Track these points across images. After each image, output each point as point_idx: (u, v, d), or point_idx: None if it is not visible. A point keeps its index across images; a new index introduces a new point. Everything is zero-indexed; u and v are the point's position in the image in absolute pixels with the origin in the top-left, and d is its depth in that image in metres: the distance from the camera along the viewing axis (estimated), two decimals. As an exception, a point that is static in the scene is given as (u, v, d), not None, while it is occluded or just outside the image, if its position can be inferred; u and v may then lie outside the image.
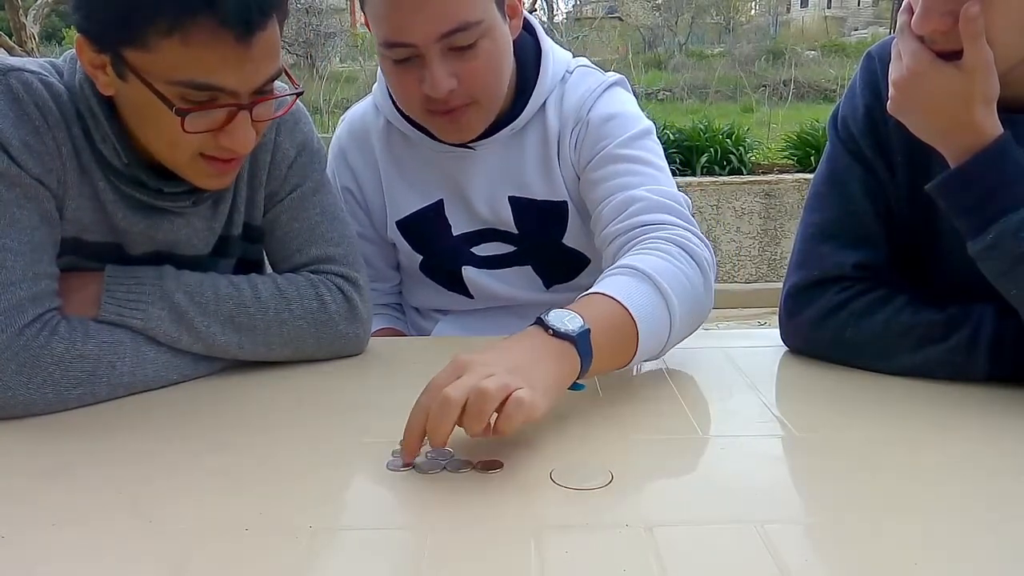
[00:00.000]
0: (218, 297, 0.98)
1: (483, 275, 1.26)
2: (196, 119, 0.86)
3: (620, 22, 17.74)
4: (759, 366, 1.05)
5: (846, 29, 21.88)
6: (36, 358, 0.87)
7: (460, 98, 1.07)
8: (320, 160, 1.11)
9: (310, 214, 1.09)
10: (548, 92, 1.18)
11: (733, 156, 5.38)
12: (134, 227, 0.98)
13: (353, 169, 1.26)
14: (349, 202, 1.26)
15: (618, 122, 1.16)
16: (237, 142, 0.89)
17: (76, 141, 0.92)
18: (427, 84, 1.05)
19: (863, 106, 1.01)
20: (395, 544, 0.65)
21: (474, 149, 1.19)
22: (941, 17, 0.84)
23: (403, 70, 1.07)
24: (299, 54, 12.34)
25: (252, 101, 0.88)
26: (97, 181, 0.95)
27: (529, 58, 1.18)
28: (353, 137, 1.27)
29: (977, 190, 0.87)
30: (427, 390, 0.76)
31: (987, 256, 0.87)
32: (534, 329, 0.83)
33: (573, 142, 1.17)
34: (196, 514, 0.69)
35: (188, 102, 0.85)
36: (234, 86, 0.85)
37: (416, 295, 1.36)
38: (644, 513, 0.69)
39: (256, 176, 1.07)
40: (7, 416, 0.87)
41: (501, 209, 1.21)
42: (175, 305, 0.96)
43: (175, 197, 0.98)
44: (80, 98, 0.92)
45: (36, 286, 0.89)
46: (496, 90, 1.11)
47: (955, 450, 0.80)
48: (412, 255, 1.28)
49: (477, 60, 1.05)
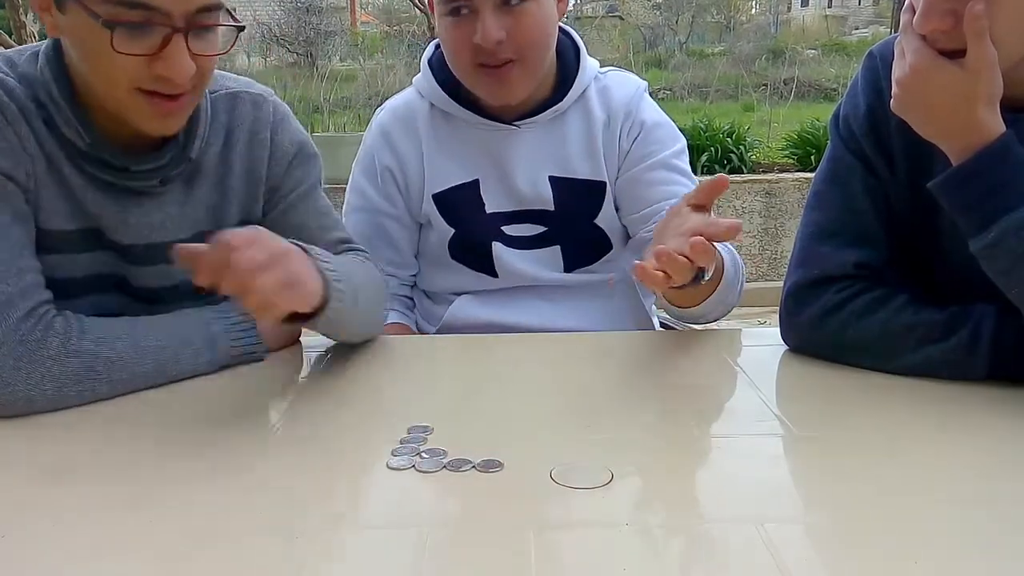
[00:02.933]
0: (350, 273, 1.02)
1: (511, 253, 1.33)
2: (128, 39, 0.86)
3: (621, 21, 17.71)
4: (759, 365, 1.05)
5: (847, 28, 21.84)
6: (32, 353, 0.87)
7: (507, 51, 1.19)
8: (317, 160, 1.15)
9: (318, 205, 1.15)
10: (586, 84, 1.31)
11: (734, 155, 5.37)
12: (105, 210, 0.99)
13: (395, 147, 1.33)
14: (387, 182, 1.33)
15: (666, 131, 1.33)
16: (173, 69, 0.88)
17: (38, 133, 0.93)
18: (479, 35, 1.17)
19: (865, 105, 1.01)
20: (395, 544, 0.65)
21: (518, 127, 1.29)
22: (942, 16, 0.84)
23: (457, 24, 1.19)
24: (299, 53, 12.34)
25: (187, 26, 0.87)
26: (63, 167, 0.95)
27: (569, 55, 1.32)
28: (398, 120, 1.35)
29: (979, 188, 0.87)
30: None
31: (989, 254, 0.87)
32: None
33: (625, 133, 1.31)
34: (196, 514, 0.69)
35: (119, 20, 0.85)
36: (165, 5, 0.85)
37: (436, 279, 1.40)
38: (644, 513, 0.69)
39: (254, 171, 1.08)
40: (9, 413, 0.88)
41: (541, 187, 1.30)
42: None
43: (142, 176, 0.99)
44: (39, 85, 0.93)
45: (22, 280, 0.90)
46: (541, 51, 1.23)
47: (955, 450, 0.80)
48: (444, 230, 1.33)
49: (525, 18, 1.18)
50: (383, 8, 20.72)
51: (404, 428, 0.84)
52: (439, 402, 0.92)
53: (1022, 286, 0.87)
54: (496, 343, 1.18)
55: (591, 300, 1.34)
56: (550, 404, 0.91)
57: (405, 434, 0.83)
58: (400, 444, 0.81)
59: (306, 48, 12.41)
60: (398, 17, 14.98)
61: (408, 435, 0.83)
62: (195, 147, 1.02)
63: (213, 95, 1.06)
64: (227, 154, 1.07)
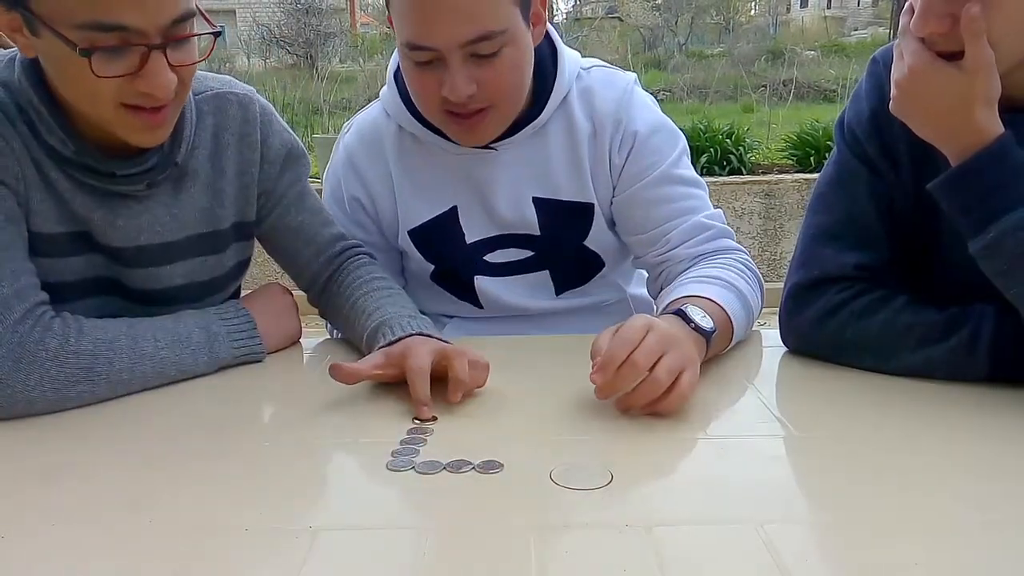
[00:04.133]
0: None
1: (495, 284, 1.26)
2: (106, 62, 0.84)
3: (620, 22, 17.74)
4: (759, 366, 1.05)
5: (846, 29, 21.87)
6: (32, 354, 0.87)
7: (479, 102, 1.07)
8: (306, 160, 1.16)
9: (312, 204, 1.16)
10: (566, 90, 1.18)
11: (733, 156, 5.37)
12: (93, 214, 0.98)
13: (363, 178, 1.24)
14: (356, 211, 1.25)
15: (662, 137, 1.20)
16: (154, 85, 0.87)
17: (24, 137, 0.93)
18: (447, 88, 1.04)
19: (868, 109, 1.01)
20: (395, 544, 0.65)
21: (496, 150, 1.18)
22: (940, 19, 0.84)
23: (424, 71, 1.06)
24: (299, 54, 12.35)
25: (164, 41, 0.86)
26: (50, 172, 0.95)
27: (545, 57, 1.17)
28: (364, 144, 1.24)
29: (977, 189, 0.87)
30: (620, 342, 0.85)
31: (987, 255, 0.88)
32: (675, 318, 0.95)
33: (616, 147, 1.19)
34: (196, 514, 0.69)
35: (96, 46, 0.84)
36: (139, 24, 0.84)
37: (423, 302, 1.34)
38: (644, 513, 0.69)
39: (245, 174, 1.08)
40: (9, 415, 0.88)
41: (525, 210, 1.20)
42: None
43: (129, 180, 0.98)
44: (19, 92, 0.92)
45: (17, 282, 0.90)
46: (516, 97, 1.12)
47: (955, 450, 0.80)
48: (423, 264, 1.27)
49: (499, 67, 1.05)
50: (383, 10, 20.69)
51: (404, 429, 0.84)
52: (439, 403, 0.92)
53: (1020, 286, 0.87)
54: (496, 344, 1.18)
55: (583, 324, 1.26)
56: (550, 404, 0.91)
57: (405, 435, 0.83)
58: (400, 445, 0.81)
59: (306, 50, 12.43)
60: (398, 18, 14.91)
61: (408, 436, 0.83)
62: (181, 151, 1.02)
63: (198, 97, 1.05)
64: (218, 156, 1.06)
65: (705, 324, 0.95)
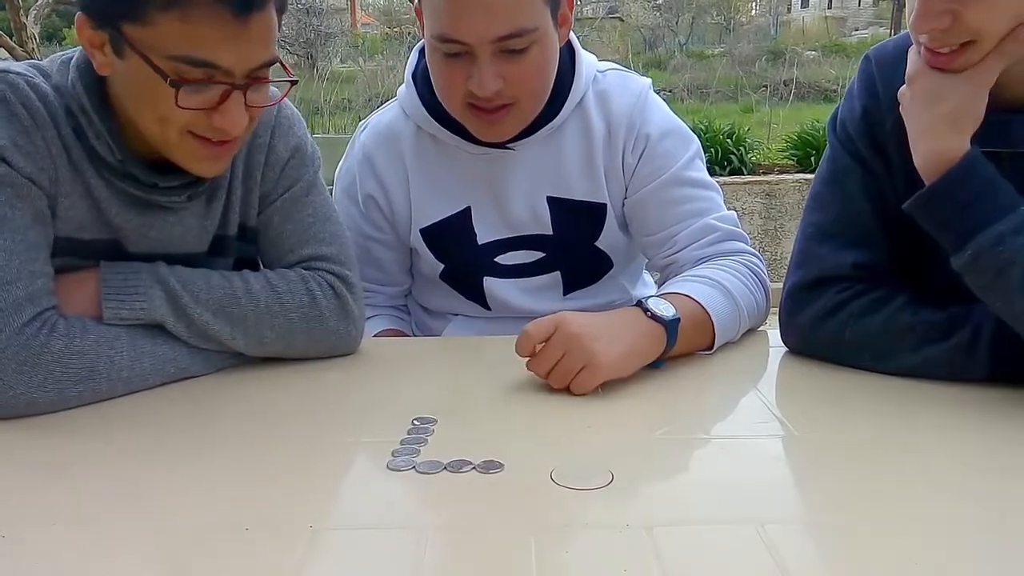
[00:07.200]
0: (209, 286, 0.99)
1: (504, 285, 1.27)
2: (190, 95, 0.86)
3: (621, 22, 17.73)
4: (759, 366, 1.05)
5: (846, 29, 21.85)
6: (36, 356, 0.87)
7: (504, 98, 1.09)
8: (313, 163, 1.12)
9: (302, 215, 1.09)
10: (583, 92, 1.20)
11: (734, 156, 5.37)
12: (128, 223, 0.98)
13: (380, 175, 1.25)
14: (370, 209, 1.26)
15: (675, 140, 1.22)
16: (229, 122, 0.89)
17: (66, 140, 0.93)
18: (474, 81, 1.06)
19: (860, 107, 1.02)
20: (395, 544, 0.65)
21: (513, 149, 1.20)
22: (939, 16, 0.84)
23: (452, 64, 1.08)
24: (299, 54, 12.34)
25: (246, 83, 0.88)
26: (90, 178, 0.95)
27: (563, 59, 1.19)
28: (381, 142, 1.25)
29: (951, 207, 0.88)
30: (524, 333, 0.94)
31: (968, 271, 0.88)
32: (634, 309, 0.99)
33: (630, 148, 1.21)
34: (196, 514, 0.69)
35: (184, 79, 0.86)
36: (229, 64, 0.86)
37: (430, 299, 1.36)
38: (644, 513, 0.69)
39: (251, 176, 1.07)
40: (10, 415, 0.88)
41: (539, 210, 1.22)
42: (171, 289, 0.96)
43: (169, 192, 0.99)
44: (71, 97, 0.93)
45: (32, 284, 0.90)
46: (540, 95, 1.14)
47: (954, 450, 0.80)
48: (433, 263, 1.28)
49: (526, 64, 1.07)
50: (383, 10, 20.74)
51: (404, 429, 0.84)
52: (439, 403, 0.92)
53: (1003, 300, 0.87)
54: (496, 344, 1.18)
55: None
56: (550, 404, 0.91)
57: (405, 435, 0.83)
58: (400, 445, 0.81)
59: (306, 49, 12.42)
60: (398, 19, 15.01)
61: (408, 436, 0.83)
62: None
63: None
64: (236, 163, 1.06)
65: (665, 313, 0.98)
